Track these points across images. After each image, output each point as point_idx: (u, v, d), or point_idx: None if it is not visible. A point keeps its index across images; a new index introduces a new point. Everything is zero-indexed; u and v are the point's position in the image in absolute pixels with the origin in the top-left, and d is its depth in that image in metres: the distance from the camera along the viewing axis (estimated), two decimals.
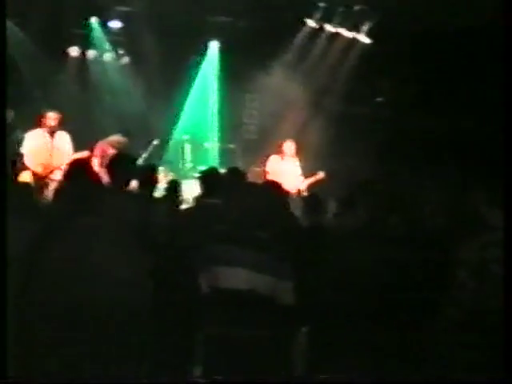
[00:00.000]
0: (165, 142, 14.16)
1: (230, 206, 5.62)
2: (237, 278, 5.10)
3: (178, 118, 15.77)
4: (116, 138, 12.75)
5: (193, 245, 5.48)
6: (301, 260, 6.09)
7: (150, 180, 7.61)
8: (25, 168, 11.38)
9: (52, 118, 11.78)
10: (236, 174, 7.69)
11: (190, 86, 16.42)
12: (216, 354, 5.09)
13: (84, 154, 11.63)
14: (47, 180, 11.49)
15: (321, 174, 13.03)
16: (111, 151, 12.33)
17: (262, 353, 5.09)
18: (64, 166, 11.06)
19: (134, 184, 7.65)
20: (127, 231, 4.85)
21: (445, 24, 13.05)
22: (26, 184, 10.78)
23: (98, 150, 12.48)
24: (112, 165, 6.89)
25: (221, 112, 16.85)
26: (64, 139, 11.99)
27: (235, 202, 5.50)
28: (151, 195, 7.55)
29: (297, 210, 8.53)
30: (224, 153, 16.26)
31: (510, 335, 4.91)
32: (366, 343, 5.65)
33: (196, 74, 16.94)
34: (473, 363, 5.36)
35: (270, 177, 12.60)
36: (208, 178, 7.35)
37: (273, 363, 5.13)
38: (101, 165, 11.91)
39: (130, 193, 7.21)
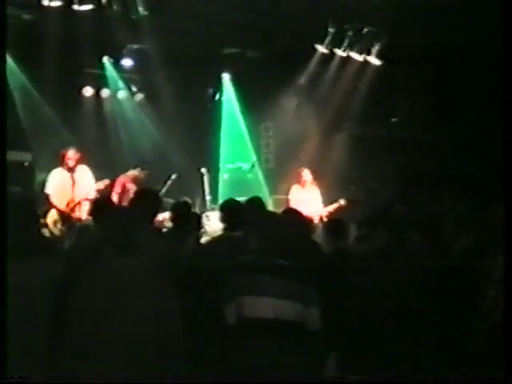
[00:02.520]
0: (183, 177, 14.15)
1: (253, 236, 5.62)
2: (263, 307, 5.11)
3: (196, 151, 15.79)
4: (135, 172, 12.85)
5: (218, 276, 5.49)
6: (326, 285, 6.09)
7: (183, 216, 7.67)
8: (52, 207, 11.54)
9: (71, 155, 12.01)
10: (257, 203, 7.70)
11: (205, 118, 16.46)
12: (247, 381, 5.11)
13: (104, 182, 11.79)
14: (72, 215, 11.63)
15: (342, 202, 13.01)
16: (131, 185, 12.44)
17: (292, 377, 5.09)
18: (88, 198, 11.35)
19: (160, 218, 7.71)
20: (156, 267, 4.89)
21: (455, 40, 13.05)
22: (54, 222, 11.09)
23: (117, 186, 12.56)
24: (137, 200, 6.92)
25: (238, 143, 16.91)
26: (85, 173, 12.27)
27: (258, 232, 5.52)
28: (180, 231, 7.58)
29: (319, 236, 8.53)
30: (243, 183, 16.29)
31: (510, 335, 4.90)
32: (392, 362, 5.66)
33: (211, 106, 17.06)
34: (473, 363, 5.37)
35: (292, 205, 12.62)
36: (228, 210, 7.36)
37: None
38: (119, 201, 12.02)
39: (157, 229, 7.26)
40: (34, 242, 5.29)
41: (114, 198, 12.22)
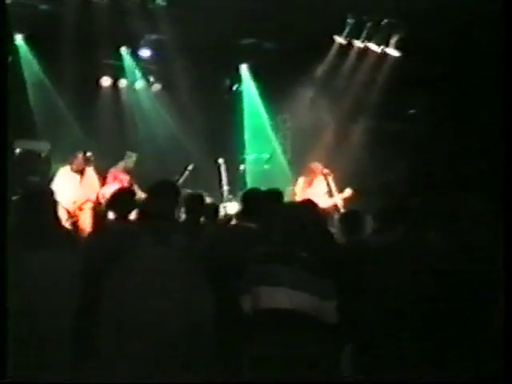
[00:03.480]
0: (200, 167, 14.19)
1: (272, 227, 5.65)
2: (280, 297, 5.15)
3: (213, 142, 15.80)
4: (124, 163, 12.90)
5: (235, 266, 5.54)
6: (340, 277, 6.10)
7: (197, 208, 7.72)
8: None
9: (81, 159, 12.20)
10: (276, 195, 7.71)
11: (222, 109, 16.47)
12: (261, 373, 5.13)
13: (115, 185, 11.83)
14: (76, 212, 11.73)
15: (348, 191, 12.87)
16: (123, 176, 12.53)
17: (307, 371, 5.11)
18: (93, 198, 11.45)
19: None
20: (181, 258, 4.96)
21: (475, 34, 12.97)
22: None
23: (110, 177, 12.66)
24: (156, 191, 6.95)
25: (255, 134, 16.94)
26: (92, 175, 12.45)
27: (277, 223, 5.55)
28: (198, 221, 7.63)
29: (335, 227, 8.53)
30: (259, 174, 16.32)
31: (510, 335, 4.89)
32: (406, 355, 5.67)
33: (228, 97, 17.09)
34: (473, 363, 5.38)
35: (299, 197, 12.57)
36: (249, 200, 7.37)
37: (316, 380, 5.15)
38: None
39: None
40: (53, 231, 5.33)
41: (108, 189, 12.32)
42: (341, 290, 5.57)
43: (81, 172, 12.24)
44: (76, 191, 12.10)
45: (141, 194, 8.91)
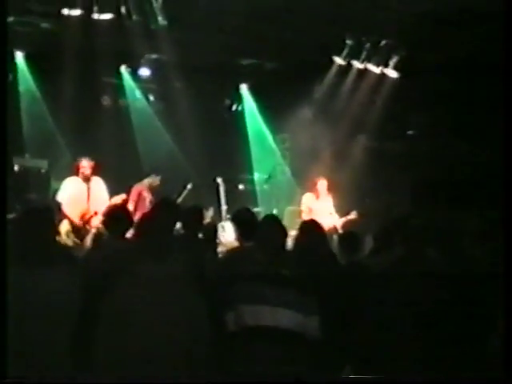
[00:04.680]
0: (198, 187, 14.18)
1: (256, 246, 5.74)
2: (263, 315, 5.20)
3: (212, 161, 15.81)
4: (150, 179, 12.85)
5: (222, 285, 5.58)
6: (340, 297, 6.11)
7: (195, 222, 7.69)
8: (63, 216, 11.40)
9: (87, 165, 11.77)
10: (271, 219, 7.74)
11: (222, 129, 16.49)
12: None
13: (122, 197, 11.67)
14: (86, 227, 11.50)
15: (353, 214, 12.98)
16: (146, 194, 12.42)
17: None
18: (102, 212, 11.21)
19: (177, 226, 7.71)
20: (177, 275, 4.97)
21: (475, 54, 13.01)
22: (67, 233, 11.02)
23: (133, 194, 12.55)
24: (157, 209, 6.94)
25: (254, 154, 16.97)
26: (100, 185, 11.96)
27: (260, 242, 5.62)
28: (196, 237, 7.61)
29: (334, 247, 8.53)
30: (258, 194, 16.34)
31: (510, 335, 4.89)
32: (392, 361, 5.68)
33: (228, 117, 17.14)
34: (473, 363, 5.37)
35: (305, 215, 12.64)
36: (240, 220, 7.43)
37: None
38: (135, 208, 11.98)
39: (177, 237, 7.28)
40: (51, 249, 5.32)
41: (131, 206, 12.18)
42: (337, 308, 5.62)
43: (88, 182, 11.83)
44: (84, 203, 11.74)
45: None
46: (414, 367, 5.60)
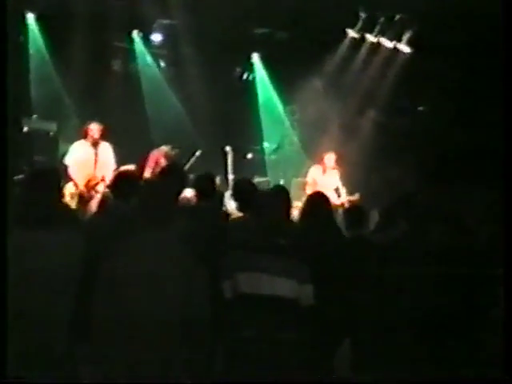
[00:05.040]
0: (207, 153, 14.16)
1: (253, 215, 5.78)
2: (260, 282, 5.26)
3: (221, 129, 15.78)
4: (167, 148, 12.82)
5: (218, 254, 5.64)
6: (342, 271, 6.13)
7: (207, 189, 7.68)
8: (69, 179, 11.40)
9: (95, 129, 11.72)
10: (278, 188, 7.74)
11: (232, 97, 16.44)
12: (244, 356, 5.20)
13: (131, 167, 11.61)
14: (91, 191, 11.50)
15: (356, 196, 12.90)
16: (163, 161, 12.37)
17: (291, 355, 5.21)
18: (108, 178, 11.19)
19: (186, 193, 7.71)
20: (182, 242, 4.97)
21: (487, 31, 12.91)
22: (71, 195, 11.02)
23: (151, 161, 12.54)
24: (163, 175, 6.94)
25: (263, 124, 16.93)
26: (108, 151, 11.93)
27: (257, 211, 5.64)
28: (206, 204, 7.61)
29: (339, 221, 8.53)
30: (266, 164, 16.32)
31: (510, 335, 4.89)
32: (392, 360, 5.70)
33: (239, 85, 17.08)
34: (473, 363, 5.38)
35: (309, 188, 12.62)
36: (239, 190, 7.46)
37: (299, 365, 5.24)
38: (153, 175, 11.93)
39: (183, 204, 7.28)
40: (56, 212, 5.33)
41: (148, 171, 12.19)
42: (339, 283, 5.64)
43: (96, 146, 11.82)
44: (91, 168, 11.73)
45: None
46: (413, 367, 5.63)
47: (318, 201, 7.32)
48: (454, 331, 5.72)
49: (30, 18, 14.31)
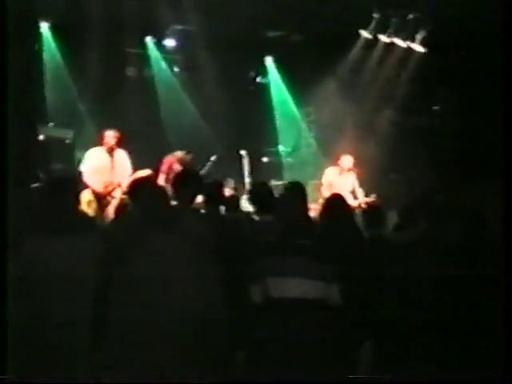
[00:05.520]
0: (223, 158, 14.17)
1: (275, 219, 5.90)
2: (289, 287, 5.28)
3: (237, 133, 15.79)
4: (182, 153, 12.80)
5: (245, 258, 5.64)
6: (361, 271, 6.11)
7: (216, 195, 7.67)
8: (85, 186, 11.39)
9: (111, 136, 11.67)
10: (296, 188, 7.72)
11: (247, 101, 16.45)
12: (271, 358, 5.22)
13: (147, 172, 11.59)
14: (108, 198, 11.49)
15: (373, 197, 12.82)
16: (177, 166, 12.35)
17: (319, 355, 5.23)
18: (125, 184, 11.19)
19: (199, 199, 7.69)
20: (195, 247, 4.98)
21: (501, 30, 12.86)
22: (88, 203, 11.01)
23: (165, 166, 12.53)
24: (178, 181, 6.93)
25: (279, 126, 16.94)
26: (123, 157, 11.90)
27: (279, 214, 5.65)
28: (217, 211, 7.60)
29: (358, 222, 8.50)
30: (283, 167, 16.33)
31: (510, 335, 4.86)
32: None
33: (253, 89, 17.11)
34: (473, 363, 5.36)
35: (325, 189, 12.59)
36: (256, 193, 7.45)
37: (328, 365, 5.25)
38: (166, 180, 11.93)
39: (196, 209, 7.27)
40: (73, 219, 5.34)
41: (161, 177, 12.18)
42: (358, 283, 5.64)
43: (112, 153, 11.73)
44: (107, 174, 11.61)
45: None
46: (413, 367, 5.62)
47: (337, 202, 7.29)
48: (454, 331, 5.71)
49: (44, 26, 14.38)
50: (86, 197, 11.12)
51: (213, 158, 13.66)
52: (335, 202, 7.29)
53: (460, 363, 5.57)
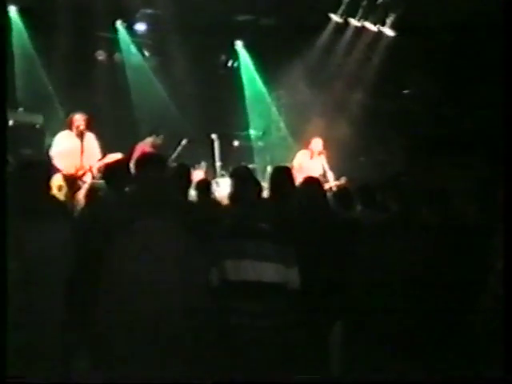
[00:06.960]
0: (193, 142, 14.14)
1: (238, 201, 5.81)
2: (245, 269, 5.30)
3: (207, 117, 15.77)
4: (153, 139, 12.76)
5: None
6: (332, 252, 6.15)
7: (184, 180, 7.67)
8: (55, 171, 11.32)
9: (80, 119, 11.62)
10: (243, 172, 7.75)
11: (217, 85, 16.43)
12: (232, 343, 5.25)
13: (118, 155, 11.54)
14: (79, 182, 11.42)
15: (343, 180, 12.87)
16: (150, 151, 12.32)
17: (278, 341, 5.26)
18: (95, 168, 11.17)
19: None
20: (175, 231, 5.00)
21: (472, 14, 12.93)
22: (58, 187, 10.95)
23: (137, 152, 12.48)
24: (143, 164, 6.93)
25: (249, 110, 16.94)
26: (93, 141, 11.81)
27: (241, 198, 5.68)
28: (185, 195, 7.61)
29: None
30: (254, 150, 16.34)
31: (510, 335, 4.89)
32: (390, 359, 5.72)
33: (223, 73, 17.09)
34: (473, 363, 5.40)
35: (296, 172, 12.63)
36: (237, 177, 7.43)
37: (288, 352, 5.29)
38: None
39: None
40: (44, 204, 5.33)
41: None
42: (329, 264, 5.66)
43: (81, 136, 11.60)
44: (77, 158, 11.51)
45: None
46: (412, 367, 5.64)
47: (311, 184, 7.30)
48: (454, 331, 5.75)
49: (13, 10, 14.23)
50: (56, 181, 11.06)
51: (183, 142, 13.65)
52: (311, 186, 7.31)
53: (460, 363, 5.59)
